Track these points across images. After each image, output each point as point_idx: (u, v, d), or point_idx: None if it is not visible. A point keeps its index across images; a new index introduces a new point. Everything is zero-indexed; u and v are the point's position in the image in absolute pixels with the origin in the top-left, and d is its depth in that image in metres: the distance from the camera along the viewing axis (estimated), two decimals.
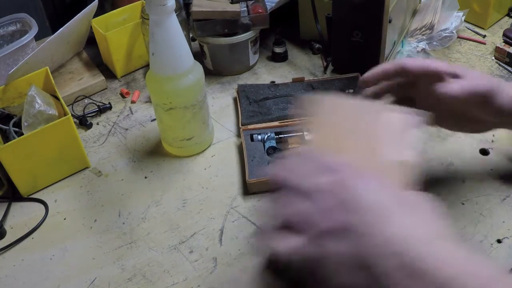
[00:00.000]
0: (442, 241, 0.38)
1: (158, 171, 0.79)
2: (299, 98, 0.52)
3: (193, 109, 0.76)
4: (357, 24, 0.88)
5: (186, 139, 0.79)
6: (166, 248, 0.67)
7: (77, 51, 1.06)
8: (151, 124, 0.89)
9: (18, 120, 0.80)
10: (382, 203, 0.39)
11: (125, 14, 1.03)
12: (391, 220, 0.38)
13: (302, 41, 1.07)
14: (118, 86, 1.00)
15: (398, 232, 0.37)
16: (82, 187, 0.78)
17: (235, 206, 0.72)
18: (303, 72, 0.99)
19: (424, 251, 0.36)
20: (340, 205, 0.39)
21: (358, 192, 0.40)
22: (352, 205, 0.39)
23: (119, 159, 0.82)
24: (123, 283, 0.63)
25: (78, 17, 0.93)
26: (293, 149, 0.72)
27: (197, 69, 0.75)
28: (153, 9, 0.67)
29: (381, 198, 0.40)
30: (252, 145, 0.78)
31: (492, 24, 1.06)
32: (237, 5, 0.95)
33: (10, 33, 0.99)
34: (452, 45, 1.00)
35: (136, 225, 0.71)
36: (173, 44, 0.70)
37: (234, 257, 0.65)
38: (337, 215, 0.39)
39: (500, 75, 0.92)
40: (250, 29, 0.94)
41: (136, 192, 0.76)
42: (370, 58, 0.91)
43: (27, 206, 0.76)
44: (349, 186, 0.40)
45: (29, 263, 0.67)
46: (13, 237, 0.70)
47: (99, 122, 0.91)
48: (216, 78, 0.99)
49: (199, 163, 0.80)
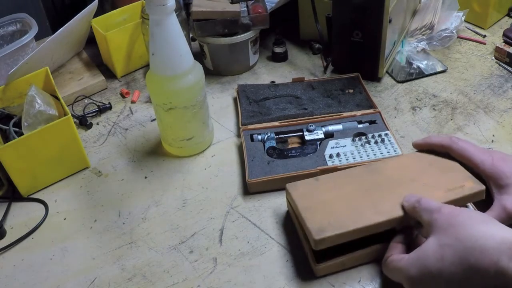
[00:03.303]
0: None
1: (158, 171, 0.79)
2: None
3: (193, 109, 0.76)
4: (357, 24, 0.88)
5: (186, 139, 0.79)
6: (166, 248, 0.67)
7: (77, 51, 1.06)
8: (151, 124, 0.89)
9: (18, 120, 0.80)
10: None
11: (125, 14, 1.03)
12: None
13: (302, 41, 1.07)
14: (118, 86, 1.00)
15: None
16: (82, 187, 0.78)
17: (235, 206, 0.72)
18: (303, 72, 0.99)
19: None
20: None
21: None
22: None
23: (119, 159, 0.82)
24: (123, 283, 0.63)
25: (78, 17, 0.93)
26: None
27: (197, 69, 0.75)
28: (153, 9, 0.67)
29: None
30: (252, 145, 0.78)
31: (492, 24, 1.06)
32: (237, 5, 0.95)
33: (10, 33, 0.99)
34: (452, 45, 1.01)
35: (136, 225, 0.71)
36: (173, 44, 0.70)
37: (234, 257, 0.65)
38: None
39: (500, 75, 0.92)
40: (250, 29, 0.94)
41: (136, 192, 0.76)
42: (370, 58, 0.91)
43: (27, 206, 0.76)
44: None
45: (29, 263, 0.67)
46: (13, 237, 0.70)
47: (99, 122, 0.91)
48: (216, 78, 0.99)
49: (199, 163, 0.80)
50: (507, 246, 0.46)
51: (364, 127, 0.80)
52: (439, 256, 0.50)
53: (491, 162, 0.62)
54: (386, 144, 0.76)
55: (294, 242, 0.66)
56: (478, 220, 0.51)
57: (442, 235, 0.51)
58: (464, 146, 0.65)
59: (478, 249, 0.47)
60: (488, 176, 0.62)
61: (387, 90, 0.92)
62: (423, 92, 0.90)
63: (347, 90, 0.89)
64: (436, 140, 0.68)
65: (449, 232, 0.51)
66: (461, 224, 0.50)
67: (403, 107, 0.87)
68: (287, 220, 0.69)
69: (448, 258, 0.49)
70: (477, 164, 0.63)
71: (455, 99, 0.88)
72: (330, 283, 0.60)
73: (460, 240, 0.49)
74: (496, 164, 0.62)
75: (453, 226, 0.51)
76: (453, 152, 0.66)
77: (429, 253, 0.51)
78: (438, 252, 0.50)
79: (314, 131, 0.80)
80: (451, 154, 0.66)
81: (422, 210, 0.55)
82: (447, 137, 0.67)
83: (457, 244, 0.49)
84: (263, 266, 0.63)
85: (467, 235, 0.49)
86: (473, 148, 0.65)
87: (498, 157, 0.63)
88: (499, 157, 0.63)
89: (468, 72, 0.94)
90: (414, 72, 0.95)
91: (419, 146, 0.70)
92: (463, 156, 0.64)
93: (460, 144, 0.65)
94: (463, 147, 0.65)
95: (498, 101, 0.86)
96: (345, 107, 0.85)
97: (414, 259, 0.52)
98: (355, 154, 0.75)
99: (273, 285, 0.61)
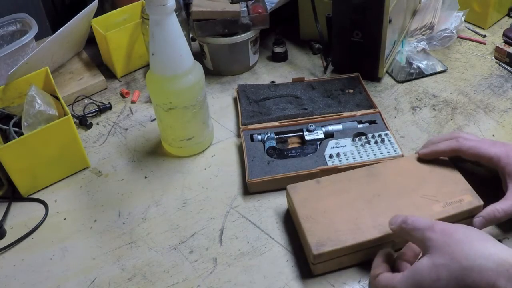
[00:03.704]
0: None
1: (158, 171, 0.79)
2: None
3: (193, 109, 0.76)
4: (357, 24, 0.88)
5: (186, 139, 0.79)
6: (166, 248, 0.67)
7: (77, 51, 1.06)
8: (151, 124, 0.89)
9: (18, 120, 0.80)
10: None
11: (125, 14, 1.03)
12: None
13: (302, 41, 1.07)
14: (118, 86, 1.00)
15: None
16: (82, 187, 0.78)
17: (235, 206, 0.72)
18: (303, 72, 0.99)
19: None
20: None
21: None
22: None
23: (119, 159, 0.82)
24: (123, 283, 0.63)
25: (78, 17, 0.93)
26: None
27: (197, 69, 0.75)
28: (153, 9, 0.67)
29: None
30: (252, 145, 0.78)
31: (492, 24, 1.06)
32: (237, 5, 0.95)
33: (10, 33, 0.99)
34: (452, 45, 1.00)
35: (136, 225, 0.71)
36: (173, 44, 0.70)
37: (234, 257, 0.65)
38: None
39: (500, 75, 0.92)
40: (250, 29, 0.94)
41: (136, 192, 0.76)
42: (370, 58, 0.91)
43: (27, 206, 0.76)
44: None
45: (29, 263, 0.67)
46: (13, 237, 0.70)
47: (99, 122, 0.91)
48: (216, 78, 0.99)
49: (199, 163, 0.80)
50: (505, 268, 0.46)
51: (364, 127, 0.80)
52: (435, 276, 0.48)
53: (505, 153, 0.62)
54: (386, 144, 0.76)
55: (294, 242, 0.66)
56: (474, 238, 0.50)
57: (437, 255, 0.50)
58: (473, 145, 0.64)
59: (475, 270, 0.46)
60: (502, 168, 0.61)
61: (387, 90, 0.92)
62: (423, 92, 0.90)
63: (347, 90, 0.89)
64: (443, 147, 0.66)
65: (444, 251, 0.49)
66: (457, 243, 0.49)
67: (403, 107, 0.87)
68: (287, 220, 0.69)
69: (444, 278, 0.48)
70: (491, 158, 0.62)
71: (455, 99, 0.88)
72: (330, 283, 0.60)
73: (457, 260, 0.48)
74: (511, 155, 0.61)
75: (448, 245, 0.49)
76: (463, 154, 0.65)
77: (424, 273, 0.49)
78: (433, 272, 0.49)
79: (314, 131, 0.80)
80: (462, 156, 0.65)
81: (412, 230, 0.53)
82: (453, 140, 0.66)
83: (453, 264, 0.48)
84: (263, 266, 0.63)
85: (463, 254, 0.48)
86: (482, 144, 0.64)
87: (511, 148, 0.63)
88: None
89: (468, 72, 0.94)
90: (414, 72, 0.95)
91: (427, 156, 0.68)
92: (475, 155, 0.64)
93: (468, 144, 0.64)
94: (473, 146, 0.64)
95: (498, 101, 0.86)
96: (345, 107, 0.85)
97: (409, 278, 0.51)
98: (355, 154, 0.75)
99: (273, 285, 0.61)
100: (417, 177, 0.66)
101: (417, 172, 0.67)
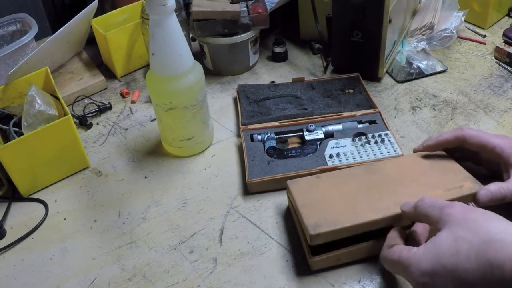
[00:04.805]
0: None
1: (158, 171, 0.79)
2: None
3: (193, 109, 0.76)
4: (357, 24, 0.88)
5: (186, 139, 0.79)
6: (166, 248, 0.67)
7: (77, 51, 1.06)
8: (151, 124, 0.89)
9: (18, 120, 0.80)
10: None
11: (125, 14, 1.03)
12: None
13: (302, 41, 1.07)
14: (118, 86, 1.00)
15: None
16: (82, 187, 0.78)
17: (235, 206, 0.72)
18: (303, 72, 0.99)
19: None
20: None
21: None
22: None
23: (119, 159, 0.82)
24: (123, 283, 0.63)
25: (78, 17, 0.93)
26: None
27: (197, 69, 0.75)
28: (153, 9, 0.67)
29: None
30: (252, 145, 0.78)
31: (492, 24, 1.06)
32: (237, 5, 0.95)
33: (10, 33, 0.99)
34: (452, 45, 1.01)
35: (136, 225, 0.71)
36: (173, 44, 0.70)
37: (234, 257, 0.65)
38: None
39: (500, 75, 0.92)
40: (250, 29, 0.94)
41: (136, 192, 0.76)
42: (370, 58, 0.91)
43: (27, 206, 0.76)
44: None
45: (29, 263, 0.67)
46: (13, 237, 0.70)
47: (99, 122, 0.91)
48: (216, 78, 0.99)
49: (199, 163, 0.80)
50: None
51: (364, 127, 0.80)
52: (454, 250, 0.48)
53: (509, 144, 0.62)
54: (386, 144, 0.76)
55: (294, 242, 0.66)
56: (493, 217, 0.50)
57: (457, 228, 0.49)
58: (477, 134, 0.65)
59: (497, 244, 0.46)
60: (506, 158, 0.62)
61: (387, 90, 0.92)
62: (423, 92, 0.90)
63: (347, 90, 0.89)
64: (448, 136, 0.67)
65: (464, 225, 0.49)
66: (477, 219, 0.49)
67: (403, 107, 0.87)
68: (287, 220, 0.69)
69: (464, 252, 0.47)
70: (494, 148, 0.63)
71: (455, 99, 0.88)
72: (330, 283, 0.60)
73: (478, 233, 0.48)
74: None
75: (468, 220, 0.49)
76: (468, 141, 0.65)
77: (443, 247, 0.49)
78: (453, 245, 0.48)
79: (314, 131, 0.80)
80: (466, 145, 0.66)
81: (430, 207, 0.53)
82: (457, 129, 0.67)
83: (474, 237, 0.47)
84: (263, 266, 0.63)
85: (484, 229, 0.48)
86: (487, 134, 0.65)
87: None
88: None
89: (468, 72, 0.94)
90: (414, 72, 0.95)
91: (432, 147, 0.68)
92: (478, 143, 0.64)
93: (472, 132, 0.65)
94: (477, 135, 0.65)
95: (498, 101, 0.86)
96: (345, 107, 0.85)
97: (426, 252, 0.50)
98: (355, 154, 0.75)
99: (273, 285, 0.61)
100: (417, 170, 0.66)
101: (417, 167, 0.67)
